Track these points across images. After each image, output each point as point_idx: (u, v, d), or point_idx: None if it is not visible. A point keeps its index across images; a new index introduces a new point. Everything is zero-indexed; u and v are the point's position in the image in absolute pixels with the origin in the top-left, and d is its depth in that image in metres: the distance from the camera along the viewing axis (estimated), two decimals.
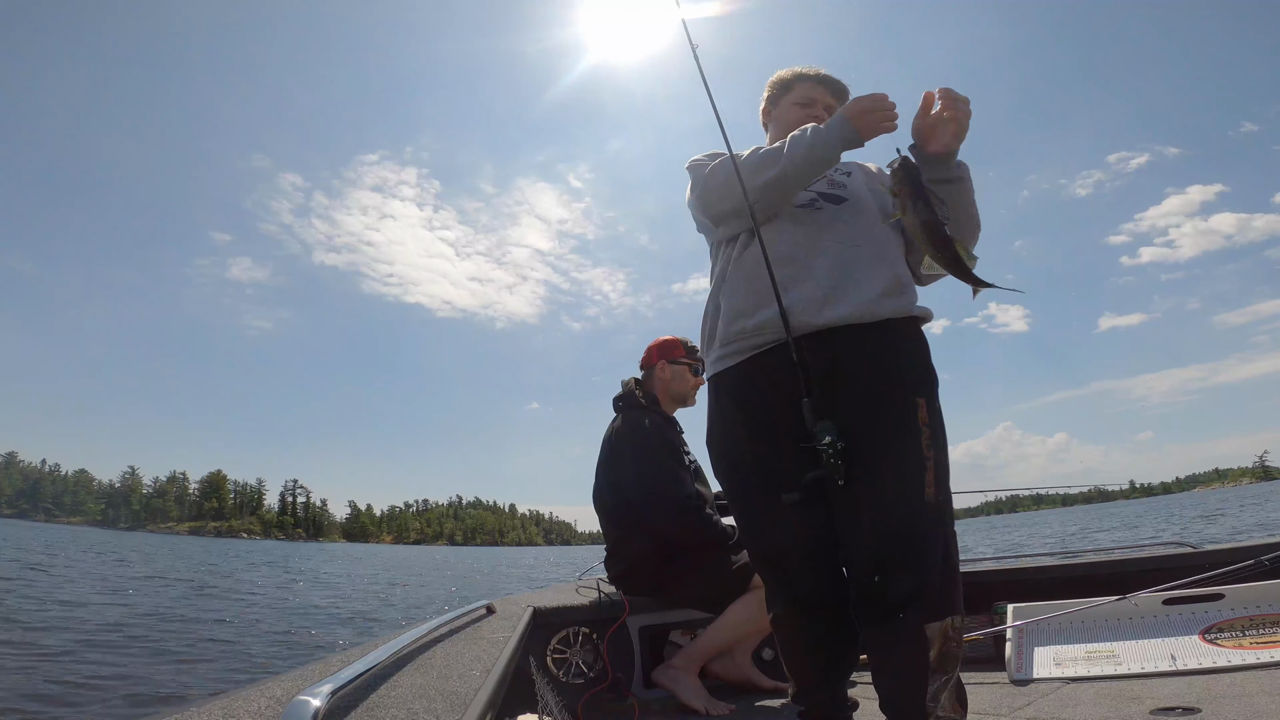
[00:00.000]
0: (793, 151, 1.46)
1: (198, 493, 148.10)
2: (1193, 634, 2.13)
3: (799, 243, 1.49)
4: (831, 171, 1.61)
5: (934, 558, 1.34)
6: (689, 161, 1.66)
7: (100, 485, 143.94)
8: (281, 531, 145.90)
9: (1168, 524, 19.97)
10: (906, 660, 1.32)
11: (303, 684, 0.91)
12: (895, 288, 1.45)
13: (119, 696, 4.00)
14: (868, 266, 1.45)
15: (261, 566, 20.74)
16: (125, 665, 4.79)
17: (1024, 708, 1.89)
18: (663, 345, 2.77)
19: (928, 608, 1.32)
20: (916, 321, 1.49)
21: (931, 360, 1.48)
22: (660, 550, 2.44)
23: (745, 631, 2.36)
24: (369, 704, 0.91)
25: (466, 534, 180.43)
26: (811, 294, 1.43)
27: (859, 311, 1.41)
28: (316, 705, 0.76)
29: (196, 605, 8.95)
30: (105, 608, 7.81)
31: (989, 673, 2.31)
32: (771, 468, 1.44)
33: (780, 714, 2.19)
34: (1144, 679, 2.02)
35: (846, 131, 1.43)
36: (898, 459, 1.35)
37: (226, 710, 0.79)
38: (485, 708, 1.03)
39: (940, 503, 1.37)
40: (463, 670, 1.22)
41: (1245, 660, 1.97)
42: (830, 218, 1.52)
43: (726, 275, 1.57)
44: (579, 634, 2.35)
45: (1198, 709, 1.67)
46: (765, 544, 1.54)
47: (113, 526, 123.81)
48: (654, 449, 2.51)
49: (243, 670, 4.98)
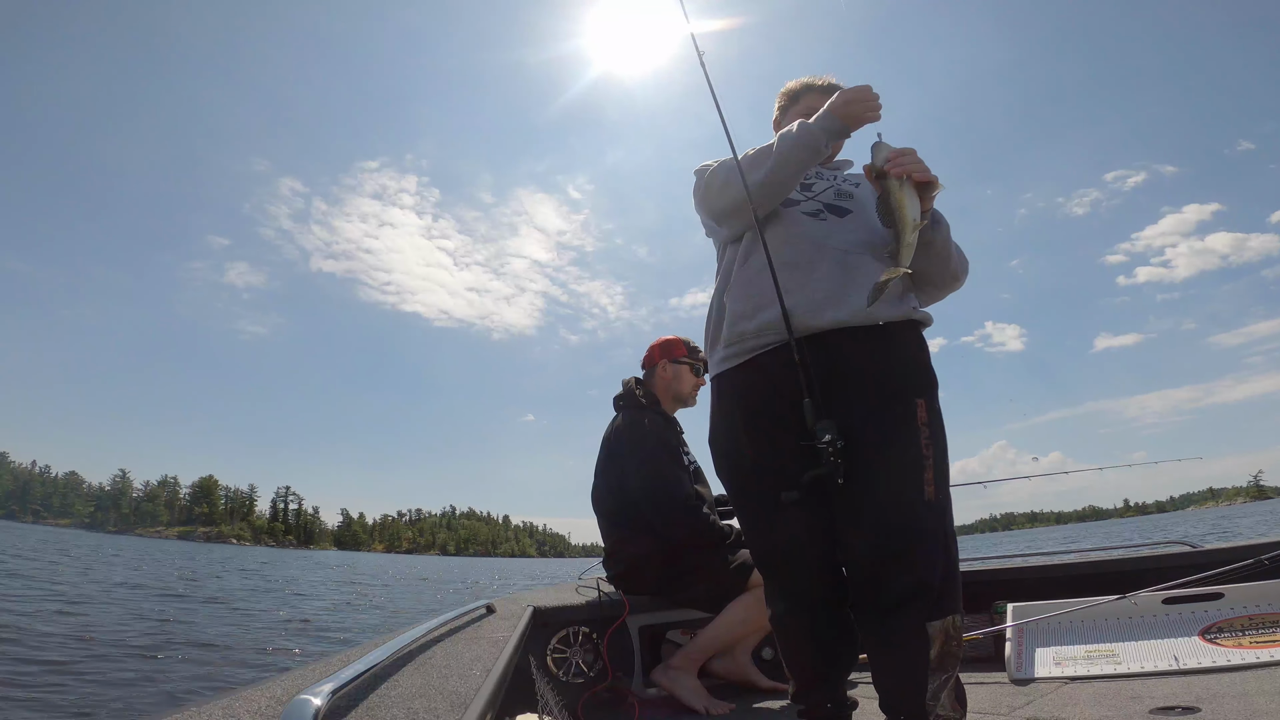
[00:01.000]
0: (781, 146, 1.53)
1: (188, 497, 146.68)
2: (1192, 634, 2.13)
3: (802, 250, 1.53)
4: (840, 181, 1.66)
5: (934, 556, 1.35)
6: (697, 167, 1.73)
7: (90, 487, 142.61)
8: (272, 538, 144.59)
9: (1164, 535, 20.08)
10: (906, 659, 1.33)
11: (303, 683, 0.90)
12: (895, 293, 1.47)
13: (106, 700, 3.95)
14: (868, 273, 1.48)
15: (235, 573, 20.35)
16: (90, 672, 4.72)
17: (1024, 707, 1.89)
18: (665, 344, 2.78)
19: (928, 606, 1.32)
20: (917, 325, 1.53)
21: (931, 363, 1.51)
22: (660, 550, 2.44)
23: (744, 631, 2.36)
24: (369, 703, 0.91)
25: (459, 544, 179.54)
26: (811, 297, 1.46)
27: (858, 315, 1.44)
28: (317, 704, 0.76)
29: (139, 610, 8.48)
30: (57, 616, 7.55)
31: (989, 672, 2.31)
32: (772, 467, 1.46)
33: (780, 714, 2.19)
34: (1144, 678, 2.02)
35: (831, 122, 1.51)
36: (897, 458, 1.37)
37: (227, 709, 0.79)
38: (485, 707, 1.02)
39: (939, 502, 1.38)
40: (463, 670, 1.22)
41: (1245, 660, 1.97)
42: (834, 228, 1.57)
43: (731, 278, 1.61)
44: (579, 633, 2.35)
45: (1198, 708, 1.67)
46: (765, 543, 1.55)
47: (101, 529, 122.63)
48: (652, 448, 2.51)
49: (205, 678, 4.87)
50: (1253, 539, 2.61)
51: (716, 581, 2.37)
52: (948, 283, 1.65)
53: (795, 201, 1.61)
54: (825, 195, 1.62)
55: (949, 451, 1.46)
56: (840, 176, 1.69)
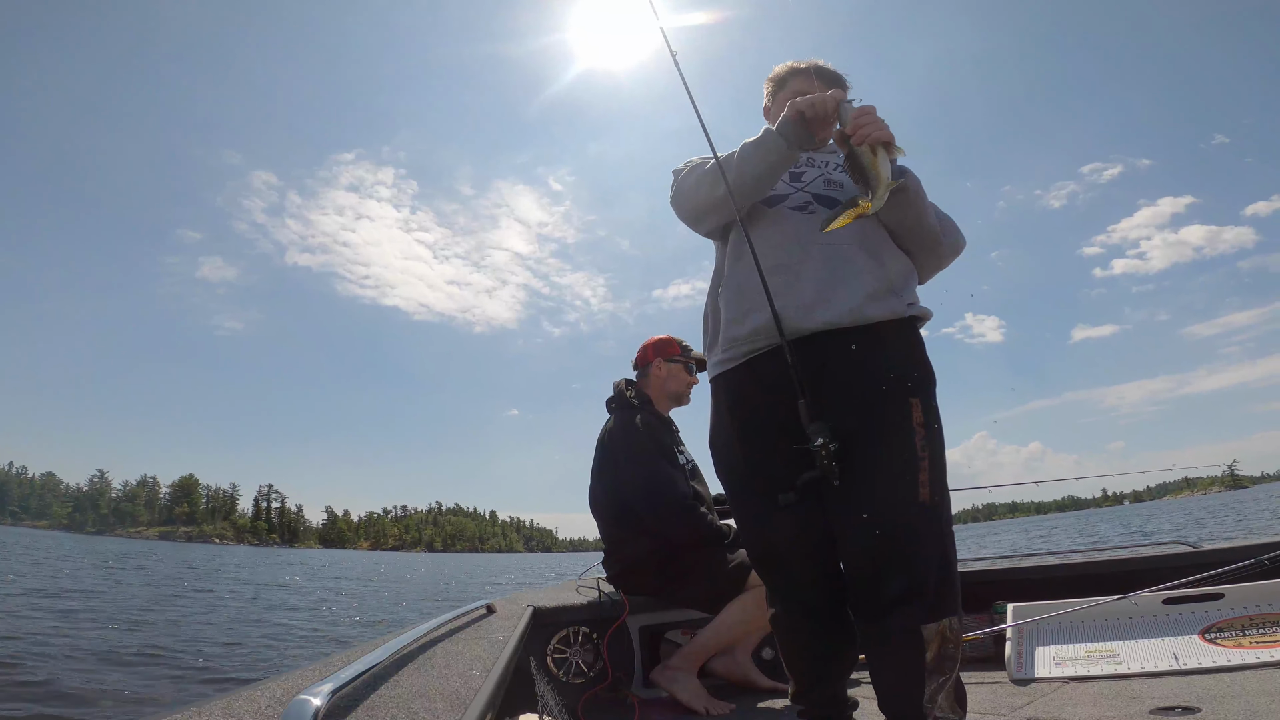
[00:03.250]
0: (742, 158, 1.50)
1: (168, 497, 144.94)
2: (1193, 633, 2.13)
3: (789, 248, 1.51)
4: (830, 169, 1.63)
5: (929, 558, 1.34)
6: (676, 166, 1.71)
7: (68, 488, 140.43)
8: (255, 537, 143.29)
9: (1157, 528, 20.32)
10: (901, 660, 1.33)
11: (303, 683, 0.90)
12: (884, 289, 1.46)
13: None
14: (857, 269, 1.46)
15: (227, 575, 20.05)
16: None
17: (1024, 707, 1.89)
18: (658, 344, 2.77)
19: (923, 608, 1.32)
20: (910, 322, 1.50)
21: (926, 359, 1.48)
22: (659, 550, 2.42)
23: (743, 631, 2.35)
24: (369, 703, 0.91)
25: (446, 540, 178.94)
26: (799, 299, 1.45)
27: (845, 316, 1.43)
28: (317, 705, 0.76)
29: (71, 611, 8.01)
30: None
31: (989, 672, 2.31)
32: (768, 470, 1.46)
33: (780, 714, 2.18)
34: (1144, 678, 2.02)
35: (791, 131, 1.46)
36: (890, 460, 1.36)
37: (227, 710, 0.78)
38: (485, 707, 1.03)
39: (935, 503, 1.36)
40: (463, 670, 1.22)
41: (1245, 660, 1.97)
42: (822, 221, 1.51)
43: (723, 278, 1.60)
44: (579, 634, 2.35)
45: (1198, 708, 1.67)
46: (763, 544, 1.55)
47: (79, 531, 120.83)
48: (645, 449, 2.49)
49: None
50: (1253, 539, 2.63)
51: (715, 581, 2.36)
52: (930, 241, 1.58)
53: (783, 196, 1.59)
54: (815, 185, 1.60)
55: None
56: (833, 163, 1.65)
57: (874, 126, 1.38)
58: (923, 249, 1.59)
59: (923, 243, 1.58)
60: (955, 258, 1.66)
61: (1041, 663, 2.22)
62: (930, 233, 1.57)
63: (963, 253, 1.67)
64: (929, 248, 1.59)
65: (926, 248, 1.59)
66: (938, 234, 1.59)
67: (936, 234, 1.58)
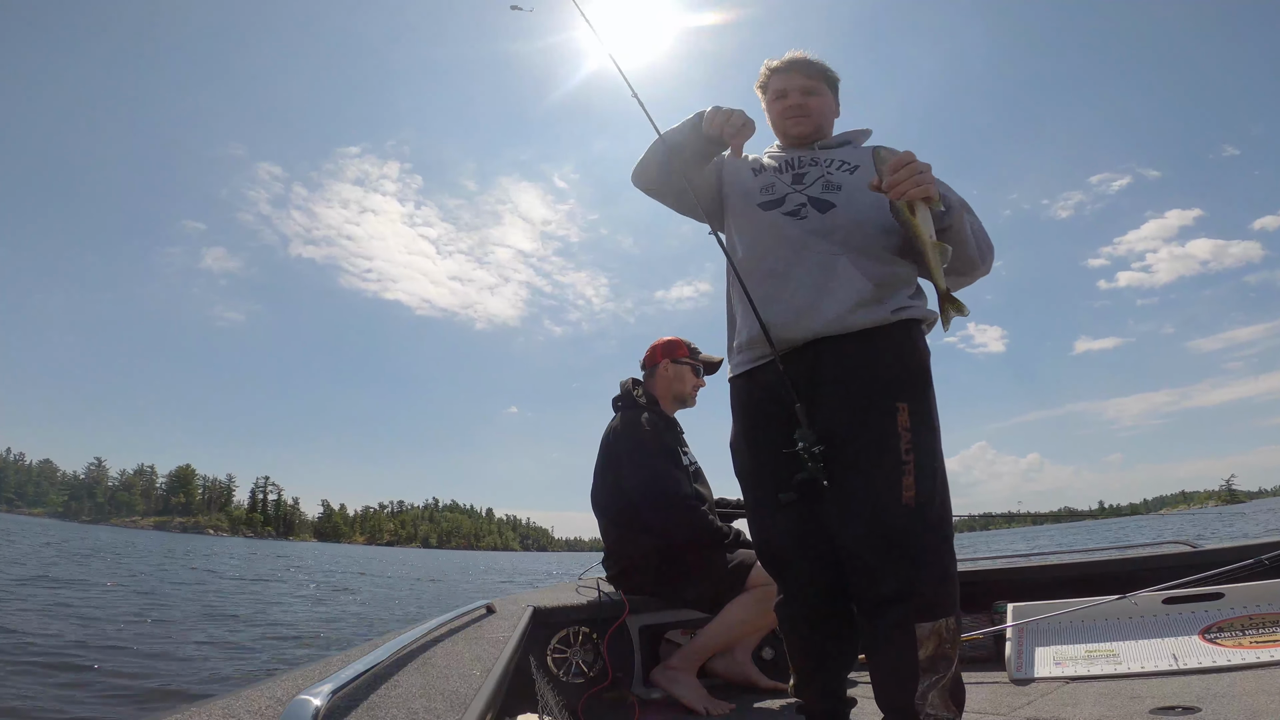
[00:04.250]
0: (669, 133, 1.62)
1: (165, 487, 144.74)
2: (1193, 633, 2.13)
3: (780, 255, 1.54)
4: (831, 169, 1.62)
5: (918, 560, 1.36)
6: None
7: (65, 476, 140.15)
8: (250, 529, 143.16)
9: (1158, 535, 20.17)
10: (893, 659, 1.36)
11: (303, 683, 0.90)
12: (872, 297, 1.46)
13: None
14: (846, 275, 1.48)
15: (179, 559, 19.58)
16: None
17: (1024, 707, 1.89)
18: (667, 345, 2.77)
19: (916, 608, 1.34)
20: (906, 326, 1.49)
21: (920, 363, 1.48)
22: (659, 550, 2.42)
23: (743, 631, 2.35)
24: (369, 703, 0.91)
25: (441, 537, 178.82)
26: (789, 309, 1.49)
27: (830, 325, 1.46)
28: (317, 705, 0.76)
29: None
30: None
31: (989, 672, 2.31)
32: (772, 471, 1.50)
33: (780, 714, 2.18)
34: (1144, 678, 2.02)
35: (695, 127, 1.56)
36: (873, 463, 1.39)
37: (227, 710, 0.78)
38: (485, 707, 1.04)
39: (922, 506, 1.38)
40: (463, 670, 1.23)
41: (1245, 660, 1.98)
42: (814, 225, 1.54)
43: (729, 281, 1.67)
44: (579, 633, 2.34)
45: (1198, 708, 1.67)
46: (768, 542, 1.60)
47: (75, 519, 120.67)
48: (650, 448, 2.49)
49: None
50: (1253, 539, 2.63)
51: (715, 582, 2.36)
52: (968, 269, 1.58)
53: (779, 200, 1.59)
54: (813, 188, 1.59)
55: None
56: (835, 164, 1.62)
57: (911, 183, 1.32)
58: (958, 274, 1.57)
59: (960, 270, 1.56)
60: (985, 276, 1.64)
61: (1041, 663, 2.23)
62: (968, 263, 1.56)
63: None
64: (962, 273, 1.58)
65: (959, 273, 1.57)
66: (975, 262, 1.57)
67: (975, 263, 1.57)
